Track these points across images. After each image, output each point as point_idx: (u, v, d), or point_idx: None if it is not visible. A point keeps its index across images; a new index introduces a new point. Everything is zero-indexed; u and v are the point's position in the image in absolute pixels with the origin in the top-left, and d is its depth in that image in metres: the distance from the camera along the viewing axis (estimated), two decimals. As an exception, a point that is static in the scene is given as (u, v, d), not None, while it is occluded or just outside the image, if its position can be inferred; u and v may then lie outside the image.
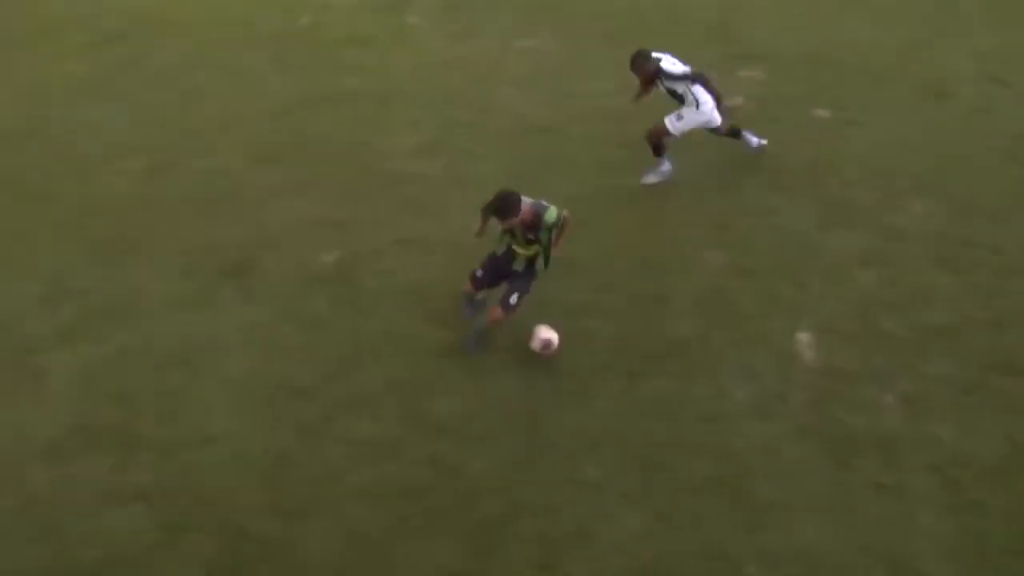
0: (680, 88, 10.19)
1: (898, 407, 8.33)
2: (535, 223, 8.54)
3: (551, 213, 8.51)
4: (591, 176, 10.59)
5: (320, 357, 9.03)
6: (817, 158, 10.71)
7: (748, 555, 7.43)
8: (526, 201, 8.47)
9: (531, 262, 8.88)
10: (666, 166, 10.62)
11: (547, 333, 8.79)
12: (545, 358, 8.82)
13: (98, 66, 12.88)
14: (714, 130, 10.45)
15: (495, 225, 8.75)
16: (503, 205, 8.46)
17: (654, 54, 10.16)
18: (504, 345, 8.98)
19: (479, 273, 9.03)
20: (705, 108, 10.21)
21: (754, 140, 10.78)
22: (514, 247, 8.85)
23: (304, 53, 12.89)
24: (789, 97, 11.58)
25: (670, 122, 10.35)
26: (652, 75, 10.20)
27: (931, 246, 9.71)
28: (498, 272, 9.00)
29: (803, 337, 8.92)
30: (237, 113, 11.95)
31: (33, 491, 8.16)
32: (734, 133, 10.74)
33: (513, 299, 8.82)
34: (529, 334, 8.80)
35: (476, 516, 7.79)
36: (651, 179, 10.64)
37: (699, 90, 10.19)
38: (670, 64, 10.16)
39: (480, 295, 9.20)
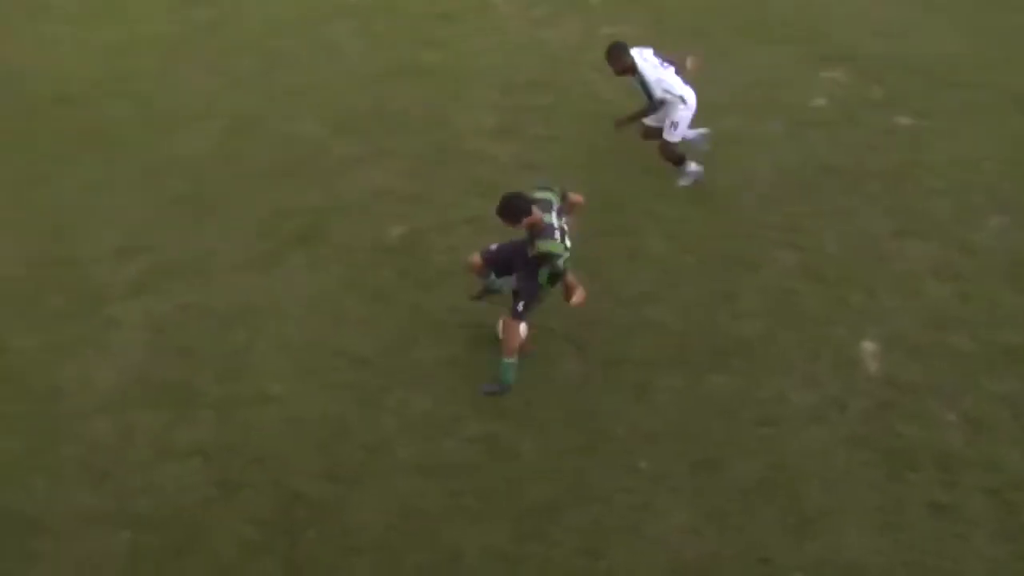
0: (658, 92, 9.92)
1: (960, 425, 8.19)
2: (532, 237, 8.07)
3: (546, 245, 7.95)
4: (667, 169, 10.50)
5: (381, 328, 9.12)
6: (896, 165, 10.52)
7: (793, 562, 7.37)
8: (537, 213, 8.00)
9: (536, 262, 8.19)
10: (692, 167, 10.37)
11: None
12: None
13: (185, 27, 13.06)
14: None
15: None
16: (504, 207, 8.04)
17: (632, 50, 9.96)
18: (565, 331, 8.98)
19: (492, 247, 8.64)
20: (690, 100, 10.00)
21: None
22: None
23: (388, 26, 12.95)
24: (871, 101, 11.38)
25: (669, 134, 10.11)
26: (627, 69, 9.96)
27: (1005, 263, 9.50)
28: (512, 259, 8.48)
29: (868, 346, 8.81)
30: (317, 81, 12.05)
31: (95, 439, 8.37)
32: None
33: (520, 307, 8.35)
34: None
35: (526, 499, 7.83)
36: (684, 182, 10.44)
37: (675, 83, 9.98)
38: (647, 64, 9.96)
39: (490, 278, 8.81)
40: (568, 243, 8.12)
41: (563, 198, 8.30)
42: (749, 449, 8.08)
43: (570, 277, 8.44)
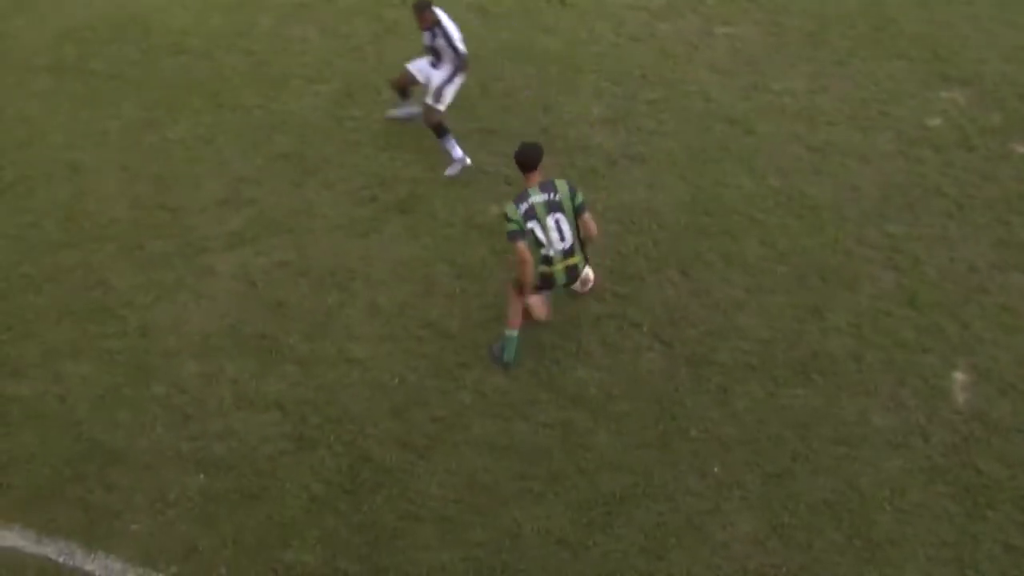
0: (462, 47, 10.21)
1: (1046, 467, 7.98)
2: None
3: (506, 207, 8.24)
4: (770, 175, 10.38)
5: (469, 304, 9.20)
6: (1006, 195, 10.22)
7: (858, 585, 7.28)
8: (533, 180, 8.29)
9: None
10: (458, 153, 10.54)
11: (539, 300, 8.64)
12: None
13: (306, -12, 13.28)
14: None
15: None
16: (523, 154, 8.30)
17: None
18: (653, 327, 8.95)
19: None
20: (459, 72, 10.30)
21: (407, 110, 11.09)
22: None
23: (507, 5, 12.97)
24: (988, 126, 11.06)
25: (434, 100, 10.29)
26: (433, 24, 10.17)
27: (1114, 307, 9.20)
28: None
29: (958, 377, 8.60)
30: (430, 54, 12.14)
31: (181, 382, 8.63)
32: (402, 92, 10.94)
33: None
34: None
35: (594, 490, 7.85)
36: (451, 171, 10.57)
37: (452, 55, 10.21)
38: (448, 19, 10.26)
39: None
40: (563, 247, 8.25)
41: (577, 211, 8.26)
42: (823, 466, 7.98)
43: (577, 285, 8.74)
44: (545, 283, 8.48)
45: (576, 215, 8.25)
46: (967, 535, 7.56)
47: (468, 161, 10.58)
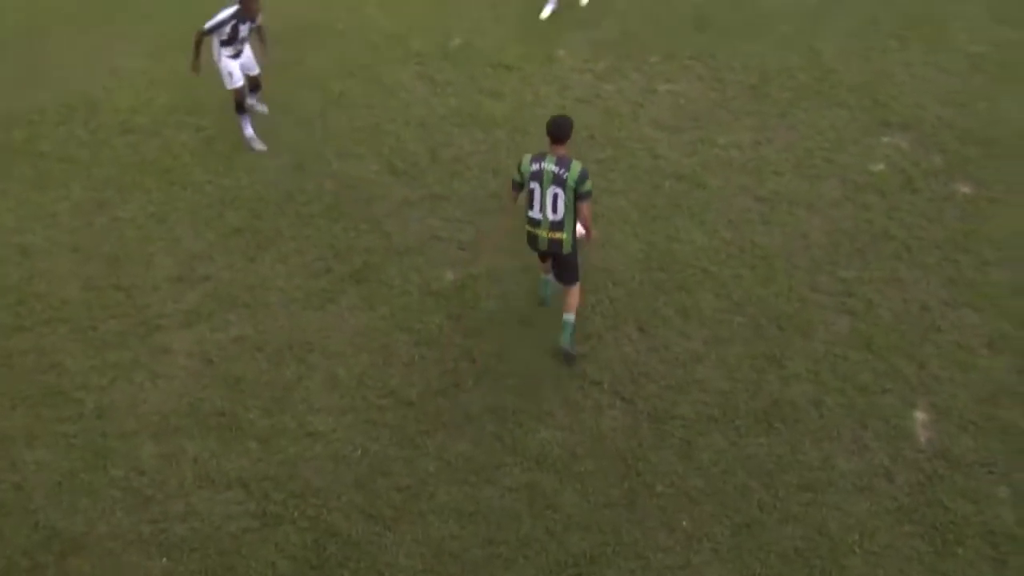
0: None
1: (1011, 502, 8.01)
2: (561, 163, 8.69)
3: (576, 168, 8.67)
4: (722, 227, 10.50)
5: (428, 371, 9.16)
6: (953, 234, 10.41)
7: (834, 631, 7.26)
8: (559, 149, 8.78)
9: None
10: (249, 130, 11.92)
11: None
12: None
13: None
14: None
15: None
16: (554, 124, 8.81)
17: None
18: (614, 384, 8.97)
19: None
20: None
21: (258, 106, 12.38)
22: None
23: (451, 73, 13.12)
24: (931, 169, 11.29)
25: (228, 82, 11.57)
26: (259, 11, 11.37)
27: (1065, 339, 9.35)
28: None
29: (919, 416, 8.68)
30: (380, 123, 12.23)
31: (140, 463, 8.51)
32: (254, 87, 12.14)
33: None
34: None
35: (564, 551, 7.79)
36: (255, 146, 11.91)
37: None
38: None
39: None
40: (552, 218, 8.74)
41: (577, 196, 8.67)
42: (791, 514, 7.98)
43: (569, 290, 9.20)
44: (530, 241, 9.01)
45: (576, 199, 8.68)
46: (938, 573, 7.57)
47: (259, 146, 11.91)
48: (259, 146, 11.87)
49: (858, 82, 12.73)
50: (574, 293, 9.15)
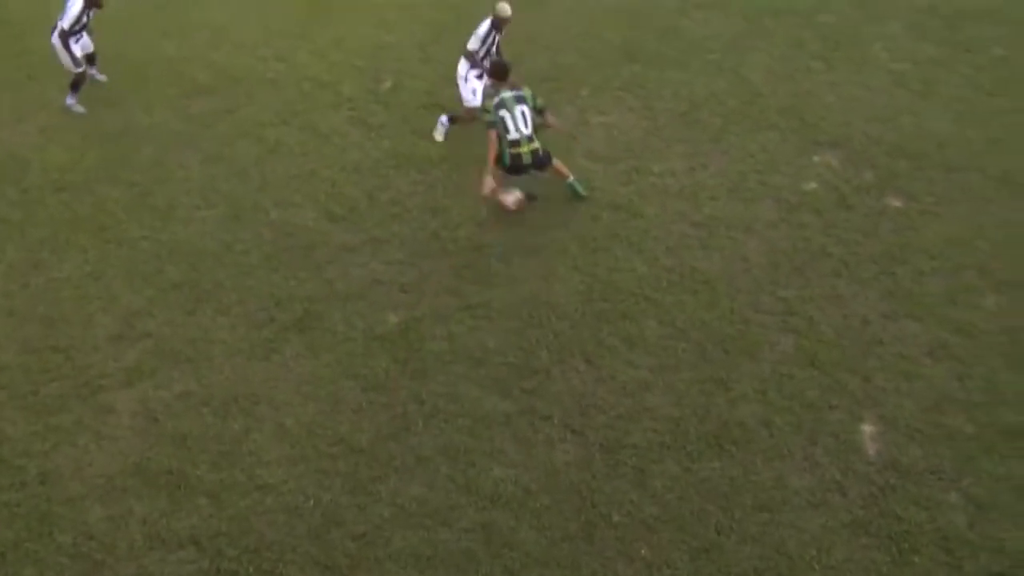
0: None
1: (962, 507, 8.12)
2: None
3: (485, 102, 11.26)
4: (661, 255, 10.58)
5: (378, 416, 9.09)
6: (888, 247, 10.59)
7: (797, 650, 7.27)
8: (502, 85, 11.05)
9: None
10: (70, 100, 13.43)
11: (509, 198, 10.99)
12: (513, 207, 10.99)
13: (186, 117, 13.26)
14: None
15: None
16: (494, 65, 11.29)
17: None
18: (564, 418, 8.96)
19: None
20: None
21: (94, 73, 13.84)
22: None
23: (383, 116, 13.14)
24: (862, 185, 11.50)
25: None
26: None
27: (1003, 343, 9.50)
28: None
29: (867, 429, 8.77)
30: (315, 169, 12.19)
31: (88, 527, 8.31)
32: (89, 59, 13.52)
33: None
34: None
35: (523, 588, 7.73)
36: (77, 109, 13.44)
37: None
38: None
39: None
40: (527, 132, 10.86)
41: (541, 110, 11.21)
42: (749, 535, 8.00)
43: (554, 163, 11.26)
44: (515, 164, 10.91)
45: (539, 113, 11.12)
46: (895, 586, 7.65)
47: (80, 109, 13.32)
48: (80, 109, 13.42)
49: (786, 104, 12.96)
50: (557, 165, 11.24)
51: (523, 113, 10.80)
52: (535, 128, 10.94)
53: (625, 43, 14.50)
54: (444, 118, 12.51)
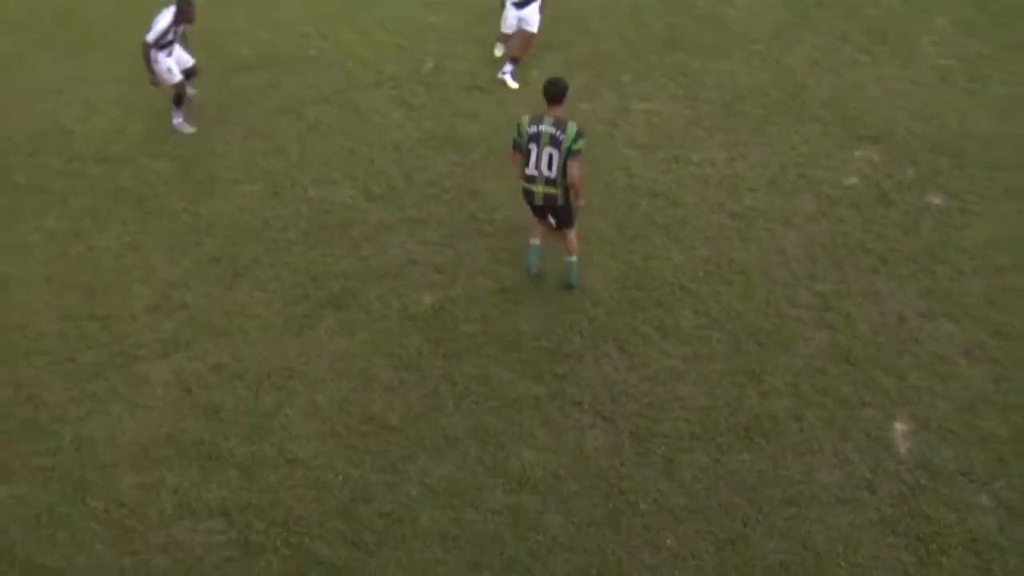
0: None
1: (993, 510, 8.05)
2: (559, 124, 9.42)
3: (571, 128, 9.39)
4: (698, 244, 10.55)
5: (408, 395, 9.13)
6: (928, 245, 10.49)
7: (820, 645, 7.25)
8: (556, 111, 9.50)
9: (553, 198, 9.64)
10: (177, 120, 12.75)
11: None
12: None
13: (229, 92, 13.32)
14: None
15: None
16: (552, 84, 9.51)
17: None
18: (594, 404, 8.96)
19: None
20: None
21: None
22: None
23: (425, 96, 13.15)
24: (904, 181, 11.39)
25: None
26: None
27: (1042, 347, 9.42)
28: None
29: (899, 427, 8.72)
30: (355, 148, 12.23)
31: (120, 495, 8.41)
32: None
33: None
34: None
35: (549, 573, 7.76)
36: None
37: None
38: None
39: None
40: (547, 174, 9.46)
41: (569, 153, 9.36)
42: (775, 529, 7.98)
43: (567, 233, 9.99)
44: (526, 197, 9.74)
45: (567, 156, 9.36)
46: (921, 586, 7.60)
47: (189, 128, 12.69)
48: (189, 129, 12.71)
49: (829, 97, 12.85)
50: (571, 237, 9.95)
51: (551, 156, 9.37)
52: (561, 174, 9.45)
53: (668, 30, 14.41)
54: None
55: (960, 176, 11.46)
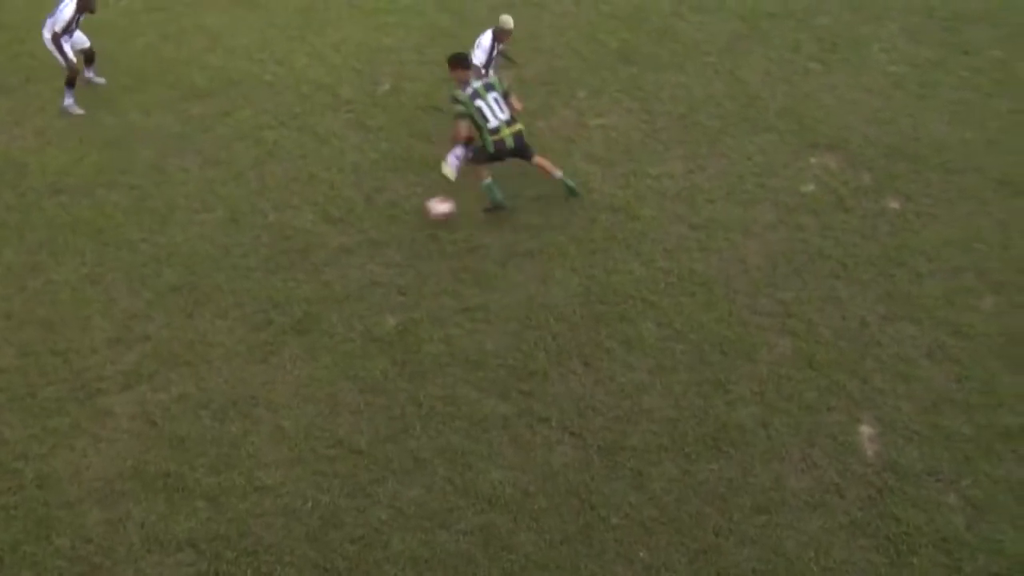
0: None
1: (961, 508, 8.12)
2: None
3: (457, 93, 11.01)
4: (659, 257, 10.60)
5: (375, 418, 9.08)
6: (886, 249, 10.60)
7: (796, 652, 7.26)
8: (468, 74, 11.17)
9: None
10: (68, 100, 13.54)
11: (441, 207, 10.96)
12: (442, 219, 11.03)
13: (184, 120, 13.25)
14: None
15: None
16: (453, 57, 11.19)
17: None
18: (562, 420, 8.96)
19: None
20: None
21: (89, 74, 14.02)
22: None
23: (382, 118, 13.14)
24: (860, 187, 11.52)
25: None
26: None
27: (1000, 344, 9.51)
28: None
29: (865, 431, 8.78)
30: (314, 172, 12.19)
31: (86, 531, 8.29)
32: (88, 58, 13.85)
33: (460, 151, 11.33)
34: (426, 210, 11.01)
35: (521, 590, 7.73)
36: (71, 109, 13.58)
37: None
38: None
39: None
40: (504, 117, 10.96)
41: (506, 94, 11.15)
42: (747, 537, 8.00)
43: (538, 159, 11.36)
44: (500, 150, 10.97)
45: (505, 97, 11.07)
46: (893, 588, 7.65)
47: (78, 110, 13.47)
48: (78, 111, 13.51)
49: (784, 106, 12.98)
50: (543, 160, 11.34)
51: (496, 100, 10.93)
52: (510, 111, 11.08)
53: (621, 46, 14.52)
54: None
55: (915, 180, 11.60)
